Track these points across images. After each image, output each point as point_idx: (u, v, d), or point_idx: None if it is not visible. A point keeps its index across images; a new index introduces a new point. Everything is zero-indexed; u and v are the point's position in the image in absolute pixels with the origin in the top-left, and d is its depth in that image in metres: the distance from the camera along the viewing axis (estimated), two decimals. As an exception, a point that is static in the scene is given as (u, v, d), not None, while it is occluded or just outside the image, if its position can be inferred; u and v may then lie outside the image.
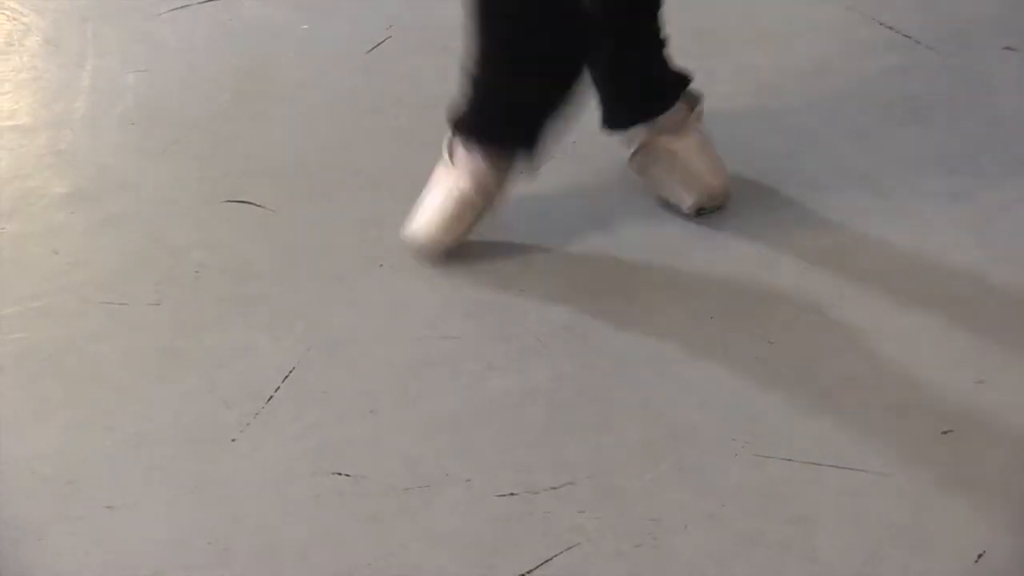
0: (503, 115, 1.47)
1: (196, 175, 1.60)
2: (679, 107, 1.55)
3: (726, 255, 1.51)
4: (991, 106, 1.70)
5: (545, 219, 1.55)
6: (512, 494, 1.27)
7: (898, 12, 1.84)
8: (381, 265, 1.49)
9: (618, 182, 1.59)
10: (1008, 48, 1.79)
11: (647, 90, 1.55)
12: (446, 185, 1.49)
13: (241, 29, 1.81)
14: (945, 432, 1.32)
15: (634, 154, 1.56)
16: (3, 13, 1.84)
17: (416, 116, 1.65)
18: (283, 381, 1.37)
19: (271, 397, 1.35)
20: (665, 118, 1.54)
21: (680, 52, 1.56)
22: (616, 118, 1.56)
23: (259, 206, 1.56)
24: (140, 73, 1.74)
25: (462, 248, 1.51)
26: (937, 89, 1.73)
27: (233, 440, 1.31)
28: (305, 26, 1.82)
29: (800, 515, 1.25)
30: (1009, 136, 1.66)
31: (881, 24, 1.82)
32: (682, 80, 1.56)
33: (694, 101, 1.56)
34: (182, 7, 1.85)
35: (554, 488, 1.27)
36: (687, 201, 1.54)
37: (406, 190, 1.57)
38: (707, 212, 1.54)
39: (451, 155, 1.50)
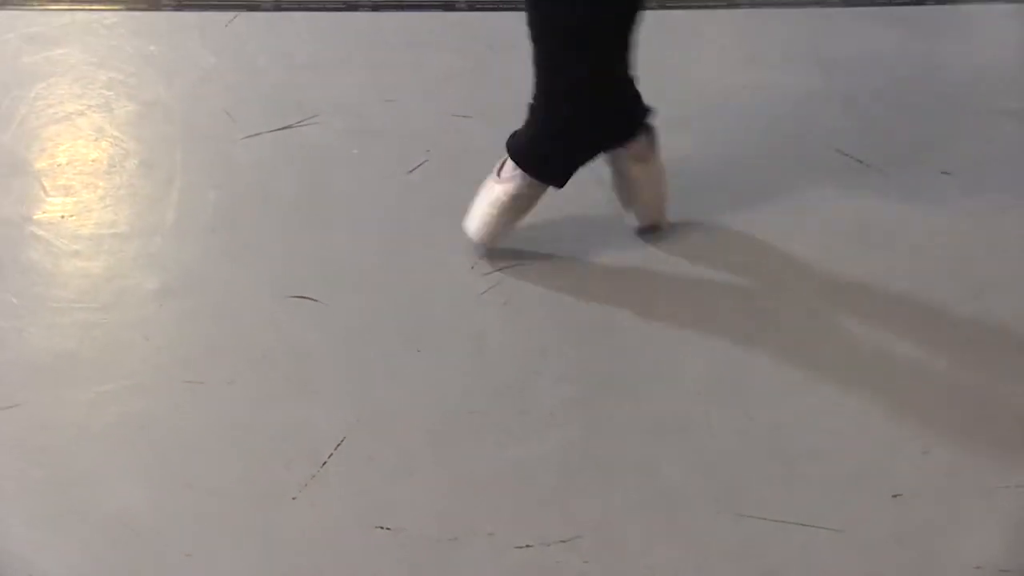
0: (551, 153, 1.57)
1: (264, 275, 1.60)
2: (643, 137, 1.58)
3: (711, 343, 1.51)
4: (931, 223, 1.69)
5: (554, 312, 1.56)
6: (528, 546, 1.27)
7: (851, 140, 1.84)
8: (419, 350, 1.50)
9: (620, 281, 1.60)
10: (945, 172, 1.79)
11: (621, 115, 1.56)
12: (493, 193, 1.60)
13: (303, 153, 1.81)
14: (895, 496, 1.33)
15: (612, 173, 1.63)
16: (107, 140, 1.84)
17: (449, 226, 1.65)
18: (335, 448, 1.37)
19: (325, 462, 1.36)
20: (633, 145, 1.58)
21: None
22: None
23: (316, 300, 1.56)
24: (219, 189, 1.74)
25: (489, 334, 1.52)
26: (886, 207, 1.72)
27: (293, 498, 1.32)
28: (355, 150, 1.82)
29: (771, 566, 1.26)
30: (947, 250, 1.66)
31: (837, 151, 1.83)
32: (644, 110, 1.56)
33: (652, 133, 1.59)
34: (254, 135, 1.84)
35: (564, 541, 1.28)
36: (638, 222, 1.65)
37: (440, 288, 1.59)
38: (649, 233, 1.65)
39: (499, 171, 1.60)
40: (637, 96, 1.55)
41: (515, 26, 2.06)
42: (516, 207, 1.60)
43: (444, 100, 1.90)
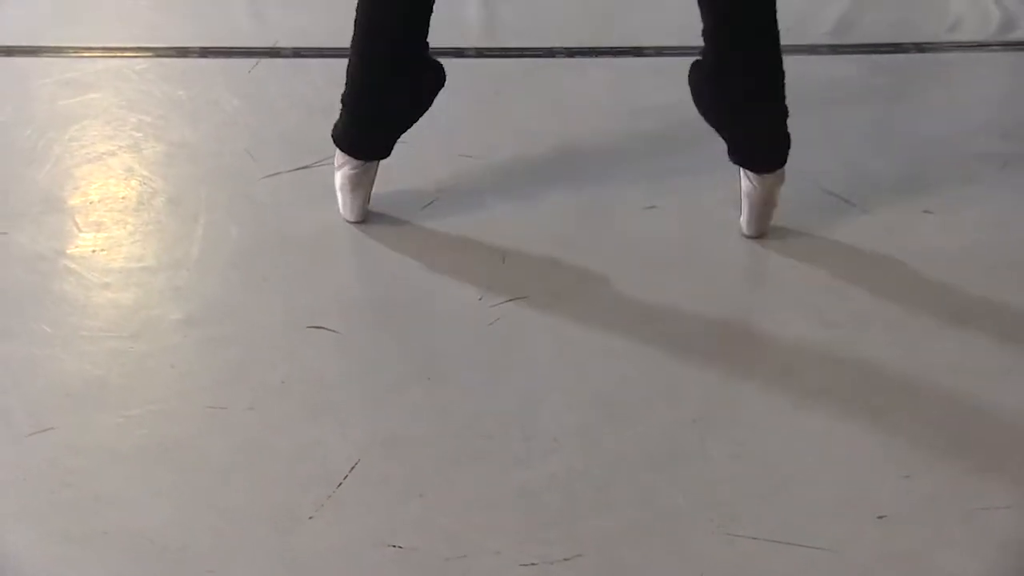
0: (364, 134, 1.72)
1: (283, 306, 1.62)
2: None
3: (706, 373, 1.52)
4: (913, 258, 1.71)
5: (557, 343, 1.57)
6: (533, 564, 1.27)
7: (837, 179, 1.86)
8: (429, 378, 1.51)
9: (620, 313, 1.61)
10: (927, 211, 1.81)
11: (767, 144, 1.67)
12: (338, 181, 1.74)
13: (319, 192, 1.81)
14: (880, 517, 1.33)
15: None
16: (137, 179, 1.86)
17: (459, 260, 1.68)
18: (350, 470, 1.38)
19: (340, 483, 1.36)
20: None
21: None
22: (738, 159, 1.70)
23: (332, 330, 1.57)
24: (241, 226, 1.76)
25: (496, 363, 1.53)
26: (871, 243, 1.74)
27: (310, 518, 1.33)
28: (370, 189, 1.85)
29: (764, 583, 1.26)
30: (929, 284, 1.67)
31: (824, 190, 1.85)
32: (787, 143, 1.66)
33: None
34: (274, 174, 1.86)
35: (566, 559, 1.28)
36: (744, 230, 1.74)
37: (450, 319, 1.60)
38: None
39: (336, 160, 1.74)
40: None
41: (521, 72, 2.10)
42: (358, 183, 1.73)
43: (454, 142, 1.92)
